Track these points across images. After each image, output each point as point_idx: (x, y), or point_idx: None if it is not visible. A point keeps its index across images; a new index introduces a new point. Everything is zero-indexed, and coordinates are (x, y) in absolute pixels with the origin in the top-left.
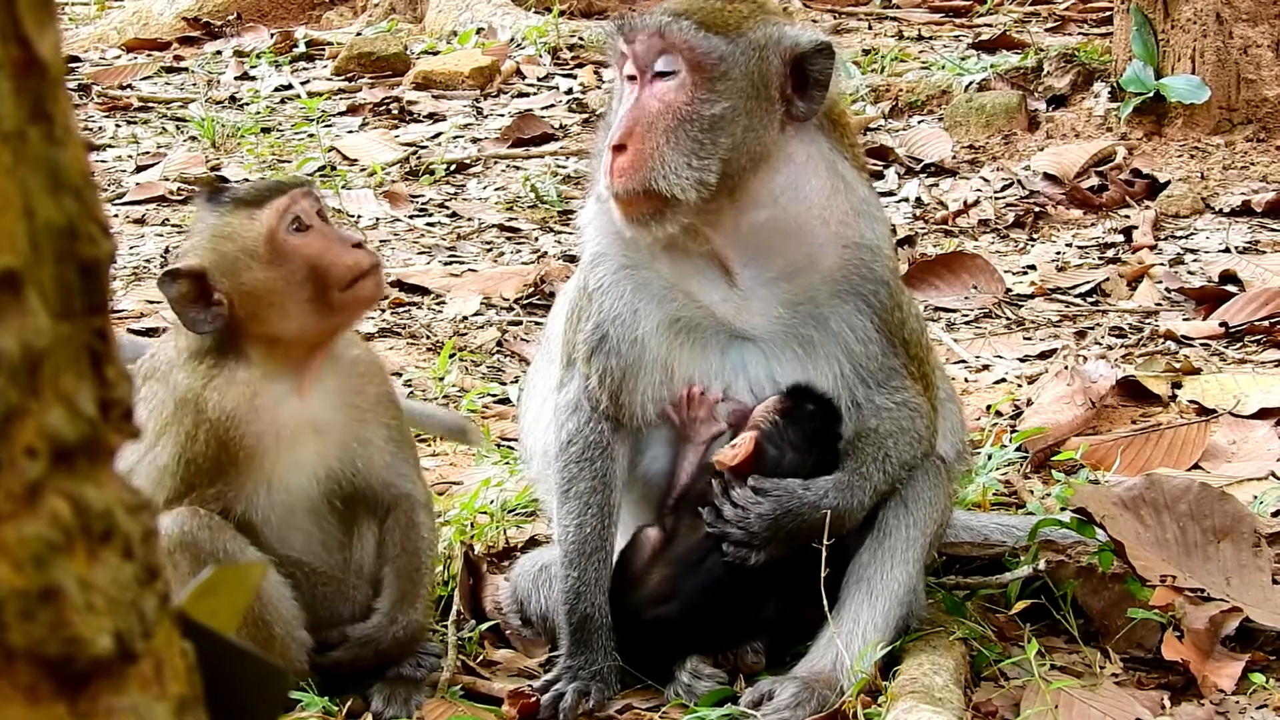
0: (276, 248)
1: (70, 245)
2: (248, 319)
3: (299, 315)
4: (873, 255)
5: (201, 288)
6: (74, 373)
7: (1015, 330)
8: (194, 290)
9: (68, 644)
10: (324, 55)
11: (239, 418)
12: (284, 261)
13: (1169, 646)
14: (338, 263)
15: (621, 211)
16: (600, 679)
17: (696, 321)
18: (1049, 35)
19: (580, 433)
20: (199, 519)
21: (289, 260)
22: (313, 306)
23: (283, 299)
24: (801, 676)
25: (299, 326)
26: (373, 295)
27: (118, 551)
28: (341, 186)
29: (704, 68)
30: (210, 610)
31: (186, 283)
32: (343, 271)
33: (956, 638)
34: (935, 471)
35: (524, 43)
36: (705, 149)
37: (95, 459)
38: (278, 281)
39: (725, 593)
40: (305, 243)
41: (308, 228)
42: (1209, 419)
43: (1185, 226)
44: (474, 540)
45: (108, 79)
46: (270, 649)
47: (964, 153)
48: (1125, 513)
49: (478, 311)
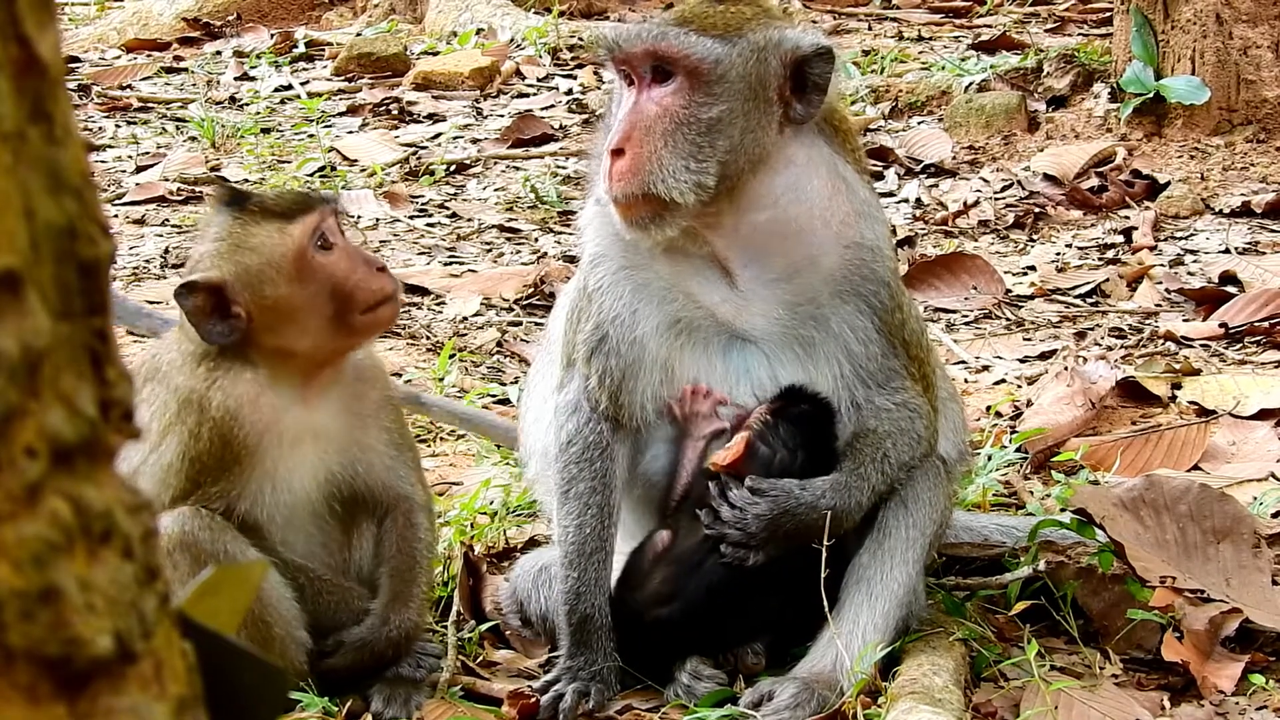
0: (304, 265)
1: (70, 245)
2: (263, 331)
3: (316, 333)
4: (874, 256)
5: (219, 300)
6: (74, 373)
7: (1015, 331)
8: (211, 302)
9: (67, 644)
10: (324, 56)
11: (242, 416)
12: (309, 279)
13: (1169, 647)
14: (363, 286)
15: (621, 215)
16: (600, 679)
17: (697, 322)
18: (1049, 36)
19: (580, 433)
20: (200, 519)
21: (314, 278)
22: (331, 325)
23: (303, 316)
24: (801, 677)
25: (314, 343)
26: (390, 320)
27: (117, 552)
28: (341, 187)
29: (700, 72)
30: (210, 610)
31: (204, 295)
32: (367, 295)
33: (956, 638)
34: (935, 472)
35: (524, 43)
36: (703, 152)
37: (95, 459)
38: (300, 299)
39: (725, 594)
40: (331, 262)
41: (332, 245)
42: (1209, 420)
43: (1185, 227)
44: (474, 541)
45: (107, 79)
46: (270, 649)
47: (964, 153)
48: (1125, 514)
49: (477, 312)
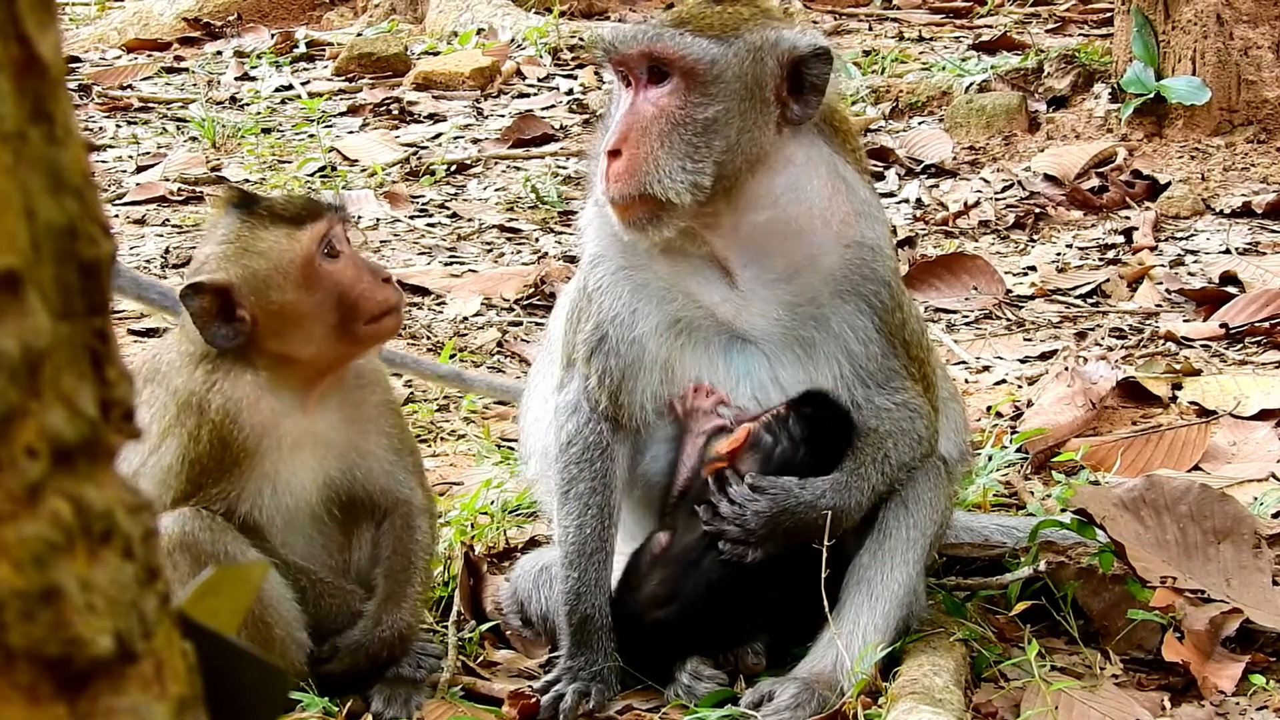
0: (311, 272)
1: (71, 245)
2: (267, 336)
3: (319, 340)
4: (874, 255)
5: (225, 302)
6: (74, 373)
7: (1015, 331)
8: (216, 304)
9: (68, 644)
10: (324, 56)
11: (241, 420)
12: (316, 286)
13: (1169, 648)
14: (369, 296)
15: (619, 216)
16: (600, 680)
17: (697, 322)
18: (1049, 36)
19: (580, 433)
20: (200, 519)
21: (321, 286)
22: (335, 334)
23: (308, 323)
24: (802, 677)
25: (316, 351)
26: (393, 332)
27: (118, 552)
28: (342, 187)
29: (696, 73)
30: (211, 611)
31: (210, 297)
32: (372, 305)
33: (957, 639)
34: (936, 472)
35: (524, 43)
36: (700, 152)
37: (95, 459)
38: (306, 305)
39: (723, 592)
40: (338, 270)
41: (339, 253)
42: (1209, 420)
43: (1186, 228)
44: (474, 541)
45: (108, 79)
46: (270, 650)
47: (964, 154)
48: (1125, 514)
49: (478, 312)
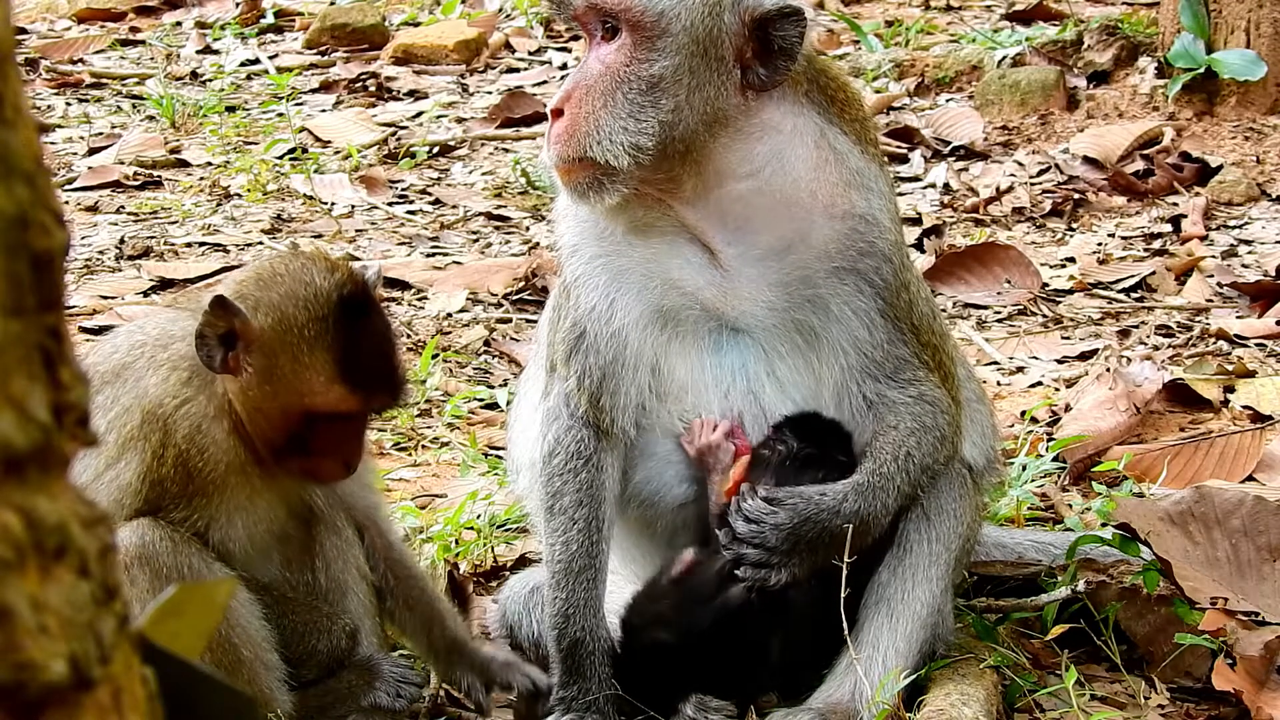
0: (310, 417)
1: (21, 236)
2: (239, 393)
3: (264, 445)
4: (869, 227)
5: (235, 337)
6: (25, 374)
7: (1052, 329)
8: (228, 332)
9: (18, 669)
10: (294, 26)
11: (208, 454)
12: (300, 424)
13: (1220, 675)
14: (324, 464)
15: (561, 180)
16: (596, 710)
17: (682, 312)
18: (1089, 5)
19: (561, 442)
20: (160, 530)
21: (304, 427)
22: (277, 455)
23: (266, 426)
24: (817, 708)
25: (260, 444)
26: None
27: (72, 569)
28: (314, 171)
29: (642, 26)
30: (173, 632)
31: (228, 323)
32: (317, 470)
33: (988, 665)
34: (960, 481)
35: (514, 13)
36: (645, 112)
37: (48, 468)
38: (279, 421)
39: (734, 632)
40: (327, 429)
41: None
42: (1264, 426)
43: (1239, 215)
44: (459, 559)
45: (57, 53)
46: (238, 675)
47: (996, 134)
48: (1172, 529)
49: (463, 308)
